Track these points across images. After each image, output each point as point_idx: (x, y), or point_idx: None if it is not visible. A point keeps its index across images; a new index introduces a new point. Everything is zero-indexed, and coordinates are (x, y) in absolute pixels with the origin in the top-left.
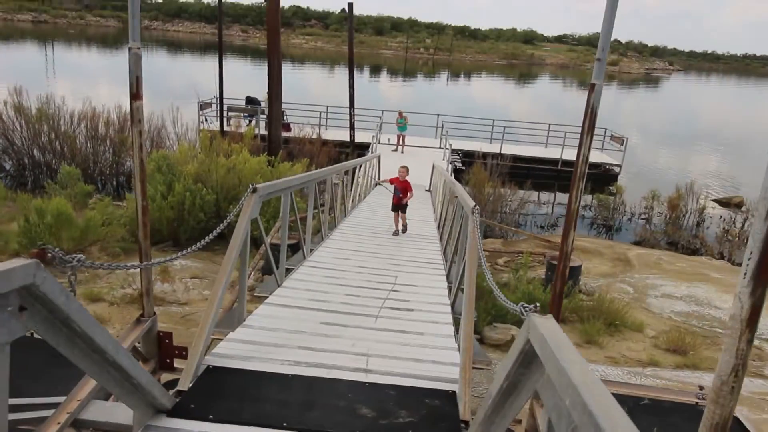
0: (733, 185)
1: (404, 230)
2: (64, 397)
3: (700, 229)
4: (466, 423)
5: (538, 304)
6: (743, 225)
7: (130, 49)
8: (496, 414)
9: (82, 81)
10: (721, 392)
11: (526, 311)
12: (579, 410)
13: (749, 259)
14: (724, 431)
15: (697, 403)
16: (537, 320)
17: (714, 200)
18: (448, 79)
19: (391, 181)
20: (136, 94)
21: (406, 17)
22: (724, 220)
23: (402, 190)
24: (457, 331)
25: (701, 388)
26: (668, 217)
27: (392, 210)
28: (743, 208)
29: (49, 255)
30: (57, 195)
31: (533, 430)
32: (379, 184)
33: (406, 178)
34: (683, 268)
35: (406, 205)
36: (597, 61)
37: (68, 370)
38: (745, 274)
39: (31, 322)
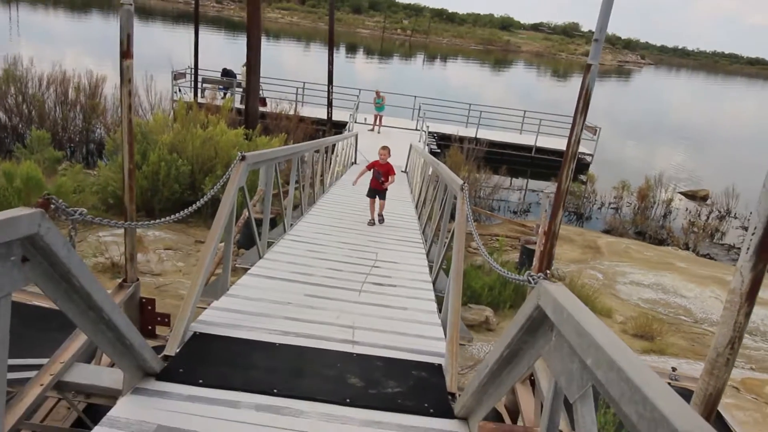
0: (698, 178)
1: (381, 220)
2: (46, 359)
3: (667, 220)
4: (453, 395)
5: (548, 271)
6: (708, 218)
7: (122, 4)
8: (491, 383)
9: (49, 44)
10: (717, 363)
11: (535, 278)
12: (605, 367)
13: (753, 234)
14: (717, 403)
15: (669, 383)
16: (549, 286)
17: (681, 192)
18: (424, 62)
19: (370, 166)
20: (126, 52)
21: None
22: (690, 212)
23: (383, 174)
24: (439, 308)
25: (674, 369)
26: (637, 207)
27: (368, 195)
28: (708, 201)
29: (53, 206)
30: (26, 159)
31: (513, 406)
32: (355, 163)
33: (388, 160)
34: (651, 257)
35: (386, 190)
36: (594, 42)
37: (43, 334)
38: (748, 248)
39: (33, 273)
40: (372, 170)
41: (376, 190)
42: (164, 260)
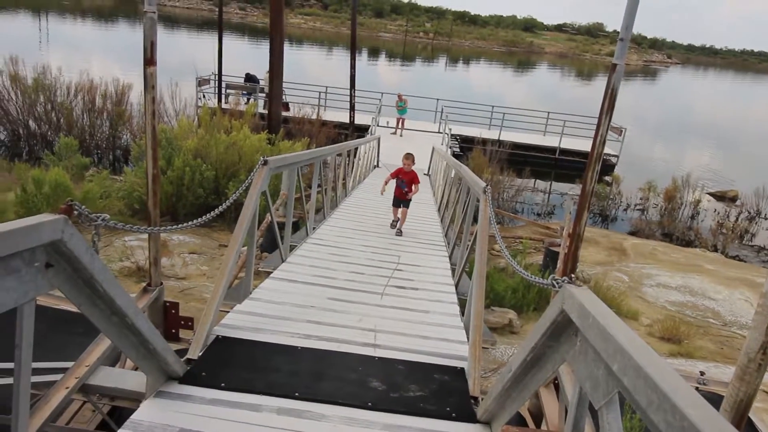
0: (727, 179)
1: (399, 233)
2: (71, 363)
3: (695, 222)
4: (476, 399)
5: (573, 275)
6: (737, 219)
7: (145, 12)
8: (515, 387)
9: (76, 53)
10: (748, 369)
11: (560, 282)
12: (632, 374)
13: None
14: (748, 408)
15: (697, 388)
16: (574, 290)
17: (709, 193)
18: (446, 65)
19: (394, 174)
20: (150, 60)
21: (406, 0)
22: (719, 213)
23: (407, 183)
24: (462, 311)
25: (702, 373)
26: (664, 208)
27: (394, 205)
28: (737, 202)
29: (76, 212)
30: (54, 166)
31: (536, 410)
32: (378, 167)
33: (413, 168)
34: (678, 259)
35: (410, 200)
36: (619, 41)
37: (69, 337)
38: None
39: (56, 279)
40: (396, 179)
41: (400, 200)
42: (189, 264)
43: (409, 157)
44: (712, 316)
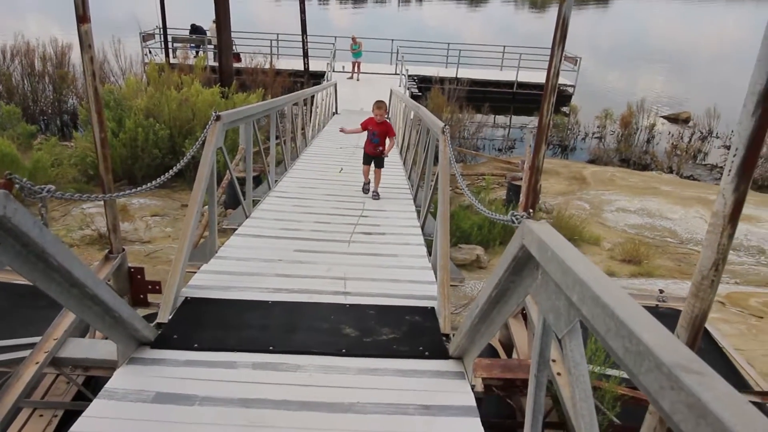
0: (680, 102)
1: (376, 196)
2: (38, 338)
3: (650, 145)
4: (447, 336)
5: (531, 211)
6: (690, 139)
7: None
8: (483, 322)
9: (7, 13)
10: (702, 286)
11: (519, 218)
12: (590, 303)
13: (734, 156)
14: (703, 323)
15: (657, 305)
16: (533, 225)
17: (663, 116)
18: (399, 3)
19: (364, 125)
20: (83, 16)
21: None
22: (673, 135)
23: (380, 135)
24: (429, 252)
25: (661, 291)
26: (620, 135)
27: (364, 163)
28: (690, 124)
29: (17, 185)
30: None
31: (507, 340)
32: (336, 113)
33: (386, 118)
34: (635, 183)
35: (382, 157)
36: None
37: (33, 312)
38: (730, 170)
39: (5, 256)
40: (366, 131)
41: (372, 157)
42: (152, 227)
43: (381, 106)
44: (670, 236)
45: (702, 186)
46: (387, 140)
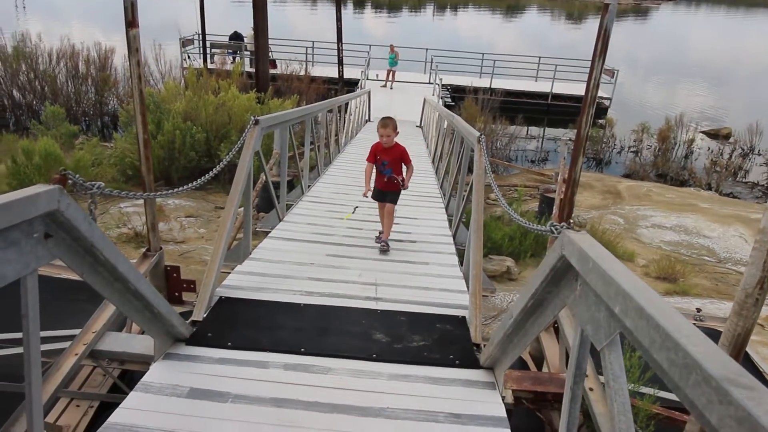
0: (720, 117)
1: (385, 246)
2: (78, 330)
3: (688, 161)
4: (478, 346)
5: (571, 221)
6: (730, 156)
7: None
8: (516, 333)
9: (55, 19)
10: (746, 304)
11: (558, 228)
12: (634, 315)
13: None
14: (745, 343)
15: (694, 324)
16: (573, 235)
17: (702, 132)
18: (434, 13)
19: (371, 155)
20: (132, 21)
21: None
22: (712, 151)
23: (392, 163)
24: (460, 261)
25: (699, 310)
26: (657, 149)
27: (375, 198)
28: (731, 140)
29: (70, 181)
30: (43, 135)
31: (537, 353)
32: (369, 120)
33: (396, 141)
34: (672, 199)
35: (399, 192)
36: None
37: (73, 305)
38: None
39: (57, 249)
40: (374, 162)
41: (385, 193)
42: (186, 228)
43: (388, 125)
44: (707, 254)
45: (742, 204)
46: (404, 167)
